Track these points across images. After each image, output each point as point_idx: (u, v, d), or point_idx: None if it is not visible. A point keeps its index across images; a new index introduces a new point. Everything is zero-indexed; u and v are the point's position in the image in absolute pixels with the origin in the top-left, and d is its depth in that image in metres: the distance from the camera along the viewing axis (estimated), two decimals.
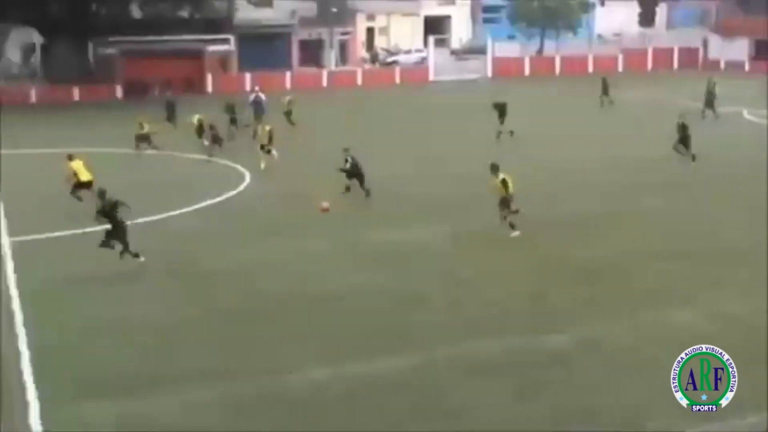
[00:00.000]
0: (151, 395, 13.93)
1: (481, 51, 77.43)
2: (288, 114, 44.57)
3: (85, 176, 26.61)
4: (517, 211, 22.62)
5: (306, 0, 76.83)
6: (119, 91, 67.39)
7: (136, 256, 20.37)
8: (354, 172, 27.21)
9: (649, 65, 77.22)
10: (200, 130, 38.11)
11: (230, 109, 42.08)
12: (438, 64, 75.47)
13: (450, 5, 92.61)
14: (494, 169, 22.93)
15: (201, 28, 69.88)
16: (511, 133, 38.10)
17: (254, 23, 73.40)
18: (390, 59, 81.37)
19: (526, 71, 75.38)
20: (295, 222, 25.19)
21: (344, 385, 14.16)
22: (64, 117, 54.31)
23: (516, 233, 22.42)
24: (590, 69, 73.39)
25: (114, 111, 56.03)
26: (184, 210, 26.77)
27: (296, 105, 45.23)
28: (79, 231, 23.33)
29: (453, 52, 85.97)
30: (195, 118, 38.95)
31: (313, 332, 16.50)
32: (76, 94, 65.87)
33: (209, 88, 68.72)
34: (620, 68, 74.84)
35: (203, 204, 27.49)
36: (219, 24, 71.45)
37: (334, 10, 76.93)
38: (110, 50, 69.74)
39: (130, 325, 17.16)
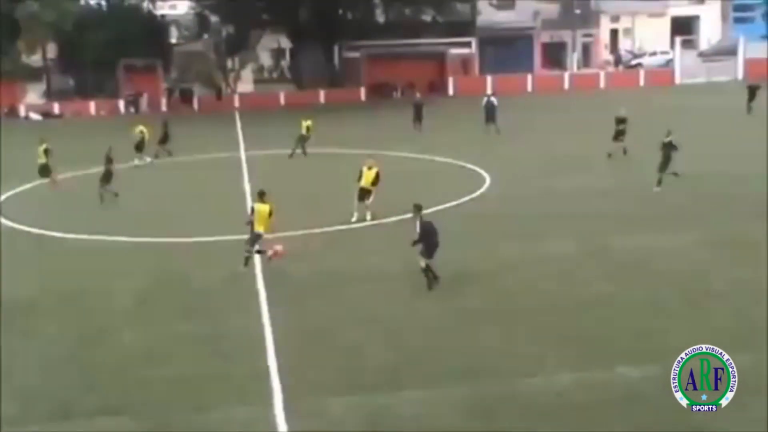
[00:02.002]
0: (393, 391, 13.95)
1: (732, 52, 73.85)
2: (300, 140, 38.89)
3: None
4: None
5: (549, 1, 76.20)
6: (363, 94, 69.12)
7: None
8: (423, 239, 18.92)
9: None
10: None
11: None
12: (684, 66, 72.74)
13: (699, 4, 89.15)
14: (260, 195, 20.75)
15: (443, 31, 70.62)
16: (620, 152, 34.15)
17: (496, 26, 73.45)
18: (634, 61, 79.35)
19: None
20: (538, 223, 24.79)
21: (582, 392, 13.66)
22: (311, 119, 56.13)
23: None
24: None
25: (357, 113, 57.42)
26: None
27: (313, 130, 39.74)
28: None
29: (701, 54, 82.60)
30: None
31: (556, 336, 16.04)
32: (322, 96, 68.10)
33: (450, 90, 69.32)
34: None
35: (447, 205, 27.37)
36: (461, 27, 71.99)
37: (578, 11, 75.83)
38: (355, 54, 71.79)
39: (374, 321, 17.25)
